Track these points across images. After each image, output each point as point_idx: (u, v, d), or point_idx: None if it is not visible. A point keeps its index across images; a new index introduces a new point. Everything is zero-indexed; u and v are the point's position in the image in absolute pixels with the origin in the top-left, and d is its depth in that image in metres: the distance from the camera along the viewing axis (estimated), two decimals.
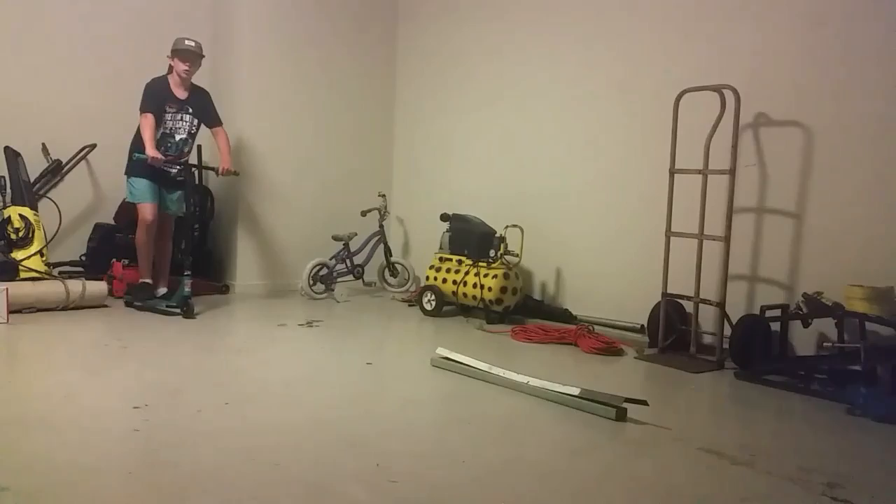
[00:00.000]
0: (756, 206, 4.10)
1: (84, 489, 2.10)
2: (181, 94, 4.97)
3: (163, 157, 4.76)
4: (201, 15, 5.96)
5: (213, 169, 5.05)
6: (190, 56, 4.91)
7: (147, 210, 4.90)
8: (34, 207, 5.05)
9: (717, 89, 3.94)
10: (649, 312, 4.30)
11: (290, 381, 3.40)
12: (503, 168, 5.54)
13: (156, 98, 4.85)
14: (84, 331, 4.30)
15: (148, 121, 4.78)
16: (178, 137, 4.98)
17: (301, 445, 2.53)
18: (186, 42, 4.91)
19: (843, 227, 3.76)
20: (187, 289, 4.72)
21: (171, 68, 4.96)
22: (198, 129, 5.10)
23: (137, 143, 4.84)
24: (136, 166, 4.84)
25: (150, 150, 4.69)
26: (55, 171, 5.42)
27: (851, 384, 3.26)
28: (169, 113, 4.92)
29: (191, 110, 5.01)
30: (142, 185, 4.89)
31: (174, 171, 4.94)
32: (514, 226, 4.93)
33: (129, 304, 4.93)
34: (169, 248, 5.03)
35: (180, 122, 4.98)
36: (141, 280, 5.01)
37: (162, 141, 4.90)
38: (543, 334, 4.44)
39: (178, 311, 4.70)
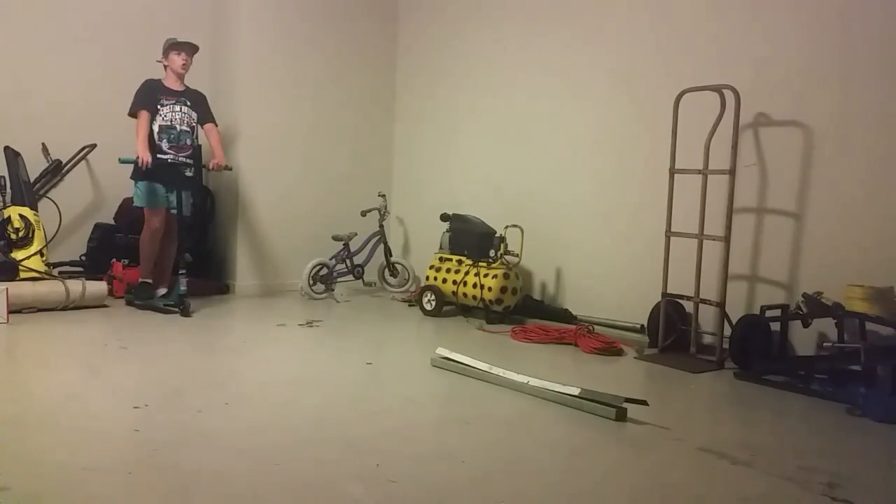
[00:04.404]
0: (756, 206, 4.10)
1: (84, 489, 2.10)
2: (178, 87, 5.01)
3: (149, 160, 4.71)
4: (201, 15, 5.95)
5: (204, 166, 5.06)
6: (185, 47, 4.96)
7: (154, 214, 4.90)
8: (34, 207, 5.04)
9: (717, 89, 3.94)
10: (649, 312, 4.30)
11: (290, 381, 3.40)
12: (503, 168, 5.54)
13: (147, 94, 4.88)
14: (84, 331, 4.30)
15: (143, 119, 4.80)
16: (179, 128, 4.97)
17: (301, 445, 2.53)
18: (178, 39, 4.97)
19: (843, 227, 3.76)
20: (183, 287, 4.75)
21: (165, 70, 4.99)
22: (197, 123, 5.09)
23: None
24: (141, 170, 4.83)
25: (142, 150, 4.70)
26: (55, 171, 5.42)
27: (851, 384, 3.27)
28: (167, 105, 4.93)
29: (188, 102, 5.03)
30: (149, 188, 4.89)
31: (178, 161, 4.92)
32: (514, 226, 4.92)
33: (129, 303, 4.97)
34: (173, 248, 5.01)
35: (178, 114, 4.98)
36: (141, 280, 5.01)
37: (163, 132, 4.90)
38: (543, 334, 4.44)
39: (175, 309, 4.72)
